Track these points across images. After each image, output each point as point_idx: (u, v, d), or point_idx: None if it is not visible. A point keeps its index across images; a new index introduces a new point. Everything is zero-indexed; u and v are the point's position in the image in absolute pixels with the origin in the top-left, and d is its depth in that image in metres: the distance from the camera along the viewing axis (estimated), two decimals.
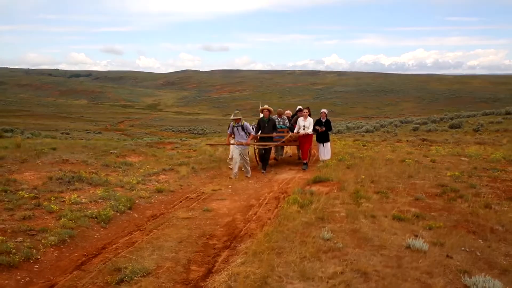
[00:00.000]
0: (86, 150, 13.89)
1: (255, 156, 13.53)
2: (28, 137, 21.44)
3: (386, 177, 9.75)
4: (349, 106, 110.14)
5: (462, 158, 13.31)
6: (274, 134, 12.71)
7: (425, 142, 20.86)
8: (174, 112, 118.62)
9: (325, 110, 13.33)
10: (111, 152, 13.82)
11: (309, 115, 12.67)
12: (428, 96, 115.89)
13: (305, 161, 12.58)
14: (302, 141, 12.67)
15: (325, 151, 13.24)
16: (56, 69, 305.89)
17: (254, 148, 13.25)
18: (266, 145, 12.27)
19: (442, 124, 32.43)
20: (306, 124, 12.43)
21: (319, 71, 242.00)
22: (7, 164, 10.28)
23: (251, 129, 11.62)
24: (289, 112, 14.89)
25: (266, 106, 12.72)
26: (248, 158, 11.47)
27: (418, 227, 6.12)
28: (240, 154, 11.21)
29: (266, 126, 12.55)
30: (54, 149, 13.27)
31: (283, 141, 13.02)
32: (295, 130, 12.57)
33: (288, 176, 11.20)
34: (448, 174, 10.16)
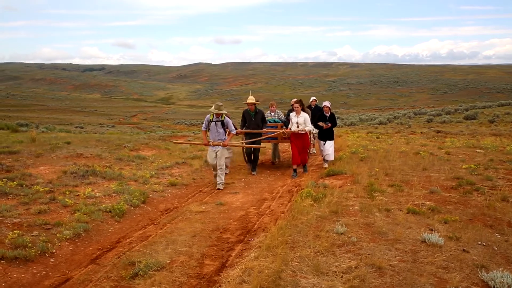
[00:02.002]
0: (100, 144, 13.98)
1: (244, 155, 11.97)
2: (42, 131, 21.64)
3: (400, 170, 9.66)
4: (362, 98, 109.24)
5: (478, 150, 13.14)
6: (264, 130, 10.93)
7: (439, 134, 20.64)
8: (186, 105, 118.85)
9: (327, 103, 11.30)
10: (124, 146, 13.90)
11: (302, 109, 10.62)
12: (442, 87, 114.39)
13: (295, 168, 10.54)
14: (294, 140, 10.47)
15: (329, 151, 11.23)
16: (70, 63, 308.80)
17: (243, 147, 11.44)
18: (255, 142, 10.61)
19: (457, 116, 32.06)
20: (299, 121, 10.42)
21: (332, 63, 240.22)
22: (23, 158, 10.39)
23: (233, 126, 9.36)
24: (314, 100, 13.09)
25: (251, 97, 10.81)
26: (224, 163, 9.32)
27: (434, 221, 6.05)
28: (216, 157, 9.12)
29: (252, 120, 10.82)
30: (68, 143, 13.38)
31: (271, 137, 11.26)
32: (289, 127, 10.60)
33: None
34: (464, 166, 10.03)
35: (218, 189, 8.90)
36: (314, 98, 12.92)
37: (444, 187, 8.15)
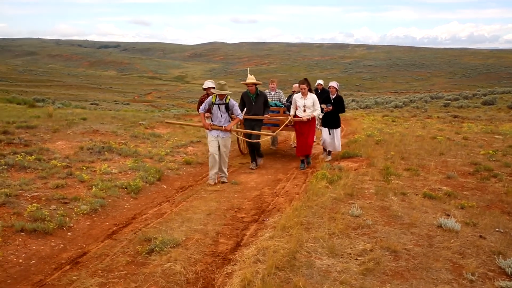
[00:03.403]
0: (115, 121, 14.07)
1: (238, 144, 10.67)
2: (58, 107, 21.82)
3: (417, 154, 9.56)
4: (378, 81, 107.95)
5: (496, 136, 12.94)
6: (266, 116, 9.20)
7: (456, 118, 20.36)
8: (201, 84, 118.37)
9: (334, 84, 9.62)
10: (139, 123, 13.96)
11: (309, 90, 8.92)
12: (460, 71, 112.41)
13: (302, 158, 9.26)
14: (299, 128, 9.03)
15: (334, 141, 9.63)
16: (86, 40, 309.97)
17: (237, 135, 9.92)
18: (256, 133, 8.91)
19: (475, 100, 31.57)
20: (307, 103, 8.81)
21: (348, 44, 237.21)
22: (40, 133, 10.50)
23: (240, 111, 8.06)
24: (320, 84, 11.49)
25: (251, 77, 9.08)
26: (228, 153, 8.16)
27: (450, 206, 5.99)
28: (219, 146, 7.85)
29: (253, 103, 9.06)
30: (84, 119, 13.49)
31: (272, 124, 10.09)
32: (291, 113, 9.03)
33: (316, 151, 11.10)
34: (482, 152, 9.89)
35: (223, 182, 7.82)
36: (320, 81, 11.63)
37: (461, 172, 8.05)
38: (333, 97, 9.55)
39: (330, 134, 9.60)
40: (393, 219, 5.34)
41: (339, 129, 9.72)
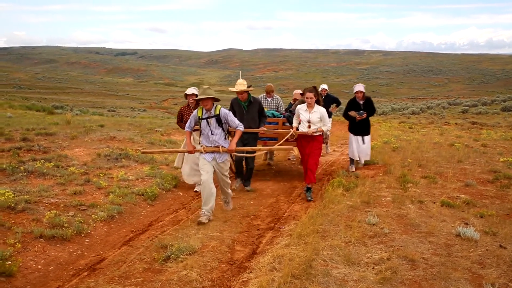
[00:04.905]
0: (132, 128, 14.22)
1: (231, 164, 7.75)
2: (77, 114, 22.12)
3: (434, 161, 9.46)
4: (395, 87, 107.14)
5: None
6: (262, 129, 7.67)
7: (475, 125, 20.07)
8: (216, 91, 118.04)
9: (361, 87, 8.64)
10: (156, 130, 14.08)
11: (317, 102, 7.18)
12: (479, 77, 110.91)
13: (309, 185, 7.25)
14: (305, 145, 7.33)
15: (364, 149, 8.80)
16: (103, 47, 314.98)
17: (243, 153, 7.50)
18: (248, 151, 7.17)
19: (494, 107, 31.06)
20: (313, 118, 7.12)
21: (364, 51, 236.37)
22: (59, 140, 10.65)
23: (237, 121, 5.99)
24: (325, 89, 10.66)
25: (240, 82, 7.48)
26: (228, 177, 6.27)
27: (469, 215, 5.90)
28: (215, 170, 6.03)
29: (245, 113, 7.55)
30: (101, 126, 13.65)
31: (269, 137, 8.54)
32: (293, 124, 7.44)
33: (331, 158, 11.05)
34: (501, 159, 9.74)
35: (227, 207, 6.45)
36: (325, 86, 10.80)
37: (480, 180, 7.93)
38: (362, 102, 8.63)
39: (364, 142, 8.73)
40: (410, 228, 5.29)
41: (369, 137, 8.93)
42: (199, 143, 6.08)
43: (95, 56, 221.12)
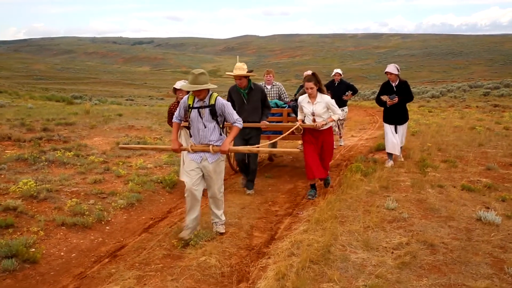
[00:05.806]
0: (150, 116, 14.32)
1: (231, 162, 8.00)
2: (95, 104, 22.39)
3: (454, 145, 9.31)
4: (414, 70, 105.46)
5: None
6: (264, 122, 6.57)
7: (497, 108, 19.66)
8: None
9: (393, 68, 7.45)
10: None
11: (319, 90, 6.17)
12: (501, 58, 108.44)
13: (313, 183, 6.50)
14: (309, 140, 6.38)
15: (402, 138, 7.82)
16: (120, 36, 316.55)
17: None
18: (253, 142, 6.50)
19: None
20: (317, 110, 6.17)
21: (382, 34, 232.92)
22: (78, 129, 10.81)
23: (235, 114, 4.78)
24: (338, 73, 9.83)
25: (239, 65, 6.37)
26: (222, 185, 5.01)
27: (490, 199, 5.81)
28: (203, 175, 4.83)
29: (245, 102, 6.52)
30: (120, 115, 13.79)
31: (272, 131, 7.51)
32: (298, 117, 6.43)
33: (350, 143, 10.97)
34: None
35: (218, 231, 4.88)
36: (339, 71, 9.91)
37: (501, 163, 7.79)
38: (395, 84, 7.54)
39: (397, 132, 7.62)
40: (429, 212, 5.23)
41: (406, 124, 7.87)
42: (190, 145, 4.87)
43: (113, 46, 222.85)
